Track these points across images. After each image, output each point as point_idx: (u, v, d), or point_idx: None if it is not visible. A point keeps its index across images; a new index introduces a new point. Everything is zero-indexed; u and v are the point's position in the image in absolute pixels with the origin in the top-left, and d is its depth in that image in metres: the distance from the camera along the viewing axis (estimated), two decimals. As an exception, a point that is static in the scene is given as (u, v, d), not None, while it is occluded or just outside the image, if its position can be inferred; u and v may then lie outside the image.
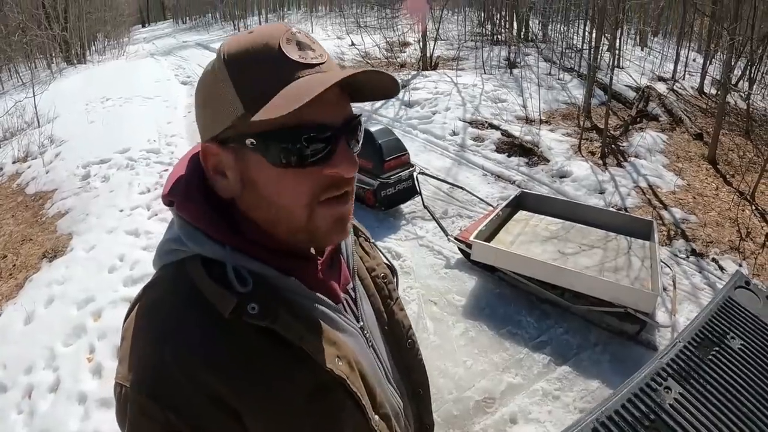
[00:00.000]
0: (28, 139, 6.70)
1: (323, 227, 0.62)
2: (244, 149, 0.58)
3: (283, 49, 0.56)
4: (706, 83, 8.62)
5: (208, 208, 0.62)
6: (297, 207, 0.60)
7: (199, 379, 0.54)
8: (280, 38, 0.56)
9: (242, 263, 0.60)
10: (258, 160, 0.58)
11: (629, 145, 6.04)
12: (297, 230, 0.61)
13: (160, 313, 0.59)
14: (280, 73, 0.55)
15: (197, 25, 24.75)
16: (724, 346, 1.25)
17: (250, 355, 0.58)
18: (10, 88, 10.72)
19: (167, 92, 9.39)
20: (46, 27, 13.19)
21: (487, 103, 7.34)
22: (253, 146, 0.57)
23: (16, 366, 2.91)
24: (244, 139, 0.57)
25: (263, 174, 0.58)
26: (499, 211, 3.93)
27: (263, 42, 0.56)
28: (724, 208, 4.72)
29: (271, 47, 0.56)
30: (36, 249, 4.31)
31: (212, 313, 0.57)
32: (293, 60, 0.56)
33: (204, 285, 0.58)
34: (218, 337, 0.57)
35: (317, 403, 0.61)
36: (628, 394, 1.12)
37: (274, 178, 0.58)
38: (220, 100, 0.57)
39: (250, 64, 0.56)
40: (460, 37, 11.83)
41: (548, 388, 2.74)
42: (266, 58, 0.56)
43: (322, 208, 0.61)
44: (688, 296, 3.52)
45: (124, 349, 0.59)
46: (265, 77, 0.55)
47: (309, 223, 0.61)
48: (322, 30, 15.57)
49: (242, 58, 0.56)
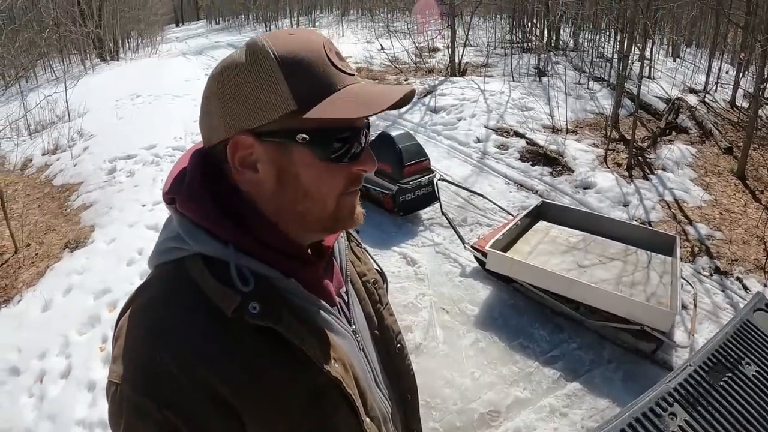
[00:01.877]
0: (58, 132, 6.88)
1: (344, 215, 0.66)
2: (290, 144, 0.60)
3: (329, 55, 0.61)
4: (738, 96, 8.36)
5: (212, 206, 0.62)
6: (331, 197, 0.64)
7: (198, 377, 0.54)
8: (322, 45, 0.61)
9: (245, 263, 0.60)
10: (305, 154, 0.60)
11: (657, 157, 5.89)
12: (323, 219, 0.65)
13: (158, 311, 0.59)
14: (331, 78, 0.60)
15: (230, 26, 25.12)
16: (737, 372, 1.19)
17: (249, 355, 0.58)
18: (43, 82, 11.05)
19: (196, 91, 9.48)
20: (81, 24, 13.57)
21: (514, 111, 7.25)
22: (304, 141, 0.59)
23: (31, 351, 2.99)
24: (294, 134, 0.59)
25: (307, 168, 0.61)
26: (518, 220, 3.86)
27: (311, 46, 0.60)
28: (752, 226, 4.55)
29: (319, 52, 0.60)
30: (59, 239, 4.42)
31: (212, 311, 0.57)
32: (338, 67, 0.61)
33: (206, 283, 0.58)
34: (218, 336, 0.57)
35: (314, 404, 0.61)
36: (629, 419, 1.07)
37: (316, 172, 0.61)
38: (266, 95, 0.58)
39: (302, 64, 0.58)
40: (490, 44, 11.74)
41: (556, 405, 2.67)
42: (317, 62, 0.59)
43: (345, 199, 0.65)
44: (709, 316, 3.40)
45: (119, 347, 0.58)
46: (318, 79, 0.59)
47: (336, 211, 0.65)
48: (352, 34, 15.63)
49: (294, 58, 0.58)
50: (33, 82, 11.26)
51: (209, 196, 0.62)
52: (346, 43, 13.51)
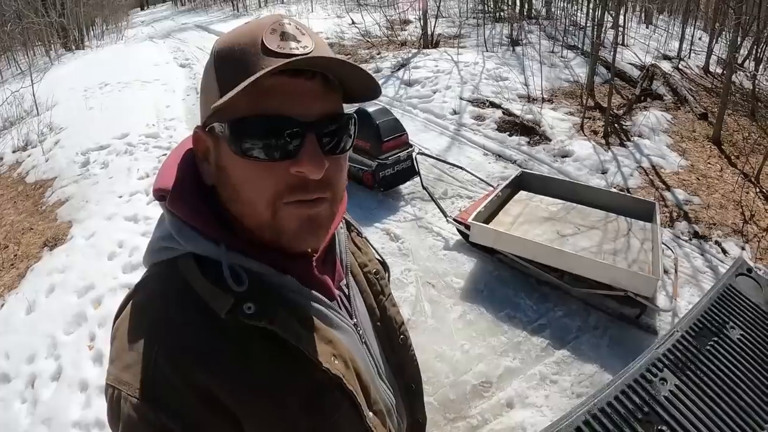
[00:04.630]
0: (27, 128, 6.64)
1: (291, 228, 0.59)
2: (218, 137, 0.58)
3: (264, 39, 0.56)
4: (711, 62, 8.46)
5: (202, 204, 0.61)
6: (259, 202, 0.58)
7: (194, 380, 0.54)
8: (266, 28, 0.56)
9: (238, 261, 0.59)
10: (227, 148, 0.57)
11: (633, 124, 5.96)
12: (262, 227, 0.60)
13: (152, 312, 0.58)
14: (251, 63, 0.55)
15: (196, 7, 24.36)
16: (722, 337, 1.22)
17: (245, 355, 0.57)
18: (9, 77, 10.63)
19: (166, 75, 9.28)
20: (43, 14, 13.03)
21: (489, 82, 7.22)
22: (221, 134, 0.57)
23: (19, 355, 2.93)
24: (217, 126, 0.58)
25: (232, 164, 0.58)
26: (499, 191, 3.89)
27: (249, 32, 0.57)
28: (728, 190, 4.66)
29: (255, 37, 0.56)
30: (37, 238, 4.31)
31: (206, 312, 0.56)
32: (270, 50, 0.55)
33: (198, 284, 0.57)
34: (213, 337, 0.56)
35: (314, 403, 0.61)
36: (621, 386, 1.10)
37: (240, 169, 0.57)
38: (209, 88, 0.59)
39: (231, 53, 0.57)
40: (462, 15, 11.62)
41: (546, 372, 2.74)
42: (246, 49, 0.56)
43: (289, 208, 0.58)
44: (690, 279, 3.50)
45: (116, 349, 0.58)
46: (238, 66, 0.55)
47: (274, 222, 0.59)
48: (322, 9, 15.30)
49: (226, 48, 0.58)
50: (-3, 77, 10.83)
51: (198, 194, 0.62)
52: (315, 18, 13.24)
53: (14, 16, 11.60)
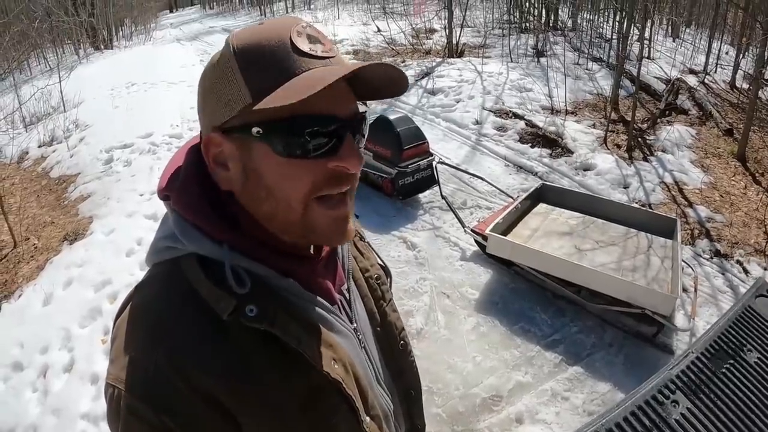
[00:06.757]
0: (53, 124, 6.81)
1: (321, 226, 0.61)
2: (249, 139, 0.57)
3: (294, 41, 0.56)
4: (738, 77, 8.29)
5: (206, 204, 0.61)
6: (295, 199, 0.58)
7: (194, 381, 0.54)
8: (291, 30, 0.57)
9: (240, 263, 0.59)
10: (263, 149, 0.57)
11: (656, 138, 5.85)
12: (292, 224, 0.60)
13: (154, 313, 0.58)
14: (289, 64, 0.55)
15: (224, 11, 24.81)
16: (739, 359, 1.19)
17: (246, 357, 0.57)
18: (37, 73, 10.92)
19: (192, 77, 9.44)
20: (73, 14, 13.38)
21: (512, 92, 7.18)
22: (259, 135, 0.56)
23: (33, 346, 2.99)
24: (250, 128, 0.56)
25: (267, 164, 0.57)
26: (518, 203, 3.85)
27: (274, 33, 0.56)
28: (752, 208, 4.54)
29: (282, 38, 0.56)
30: (57, 232, 4.41)
31: (208, 313, 0.56)
32: (303, 51, 0.56)
33: (200, 285, 0.57)
34: (214, 339, 0.56)
35: (313, 406, 0.61)
36: (631, 407, 1.07)
37: (277, 168, 0.57)
38: (228, 91, 0.57)
39: (259, 54, 0.56)
40: (488, 25, 11.60)
41: (558, 389, 2.69)
42: (276, 49, 0.56)
43: (319, 206, 0.59)
44: (709, 299, 3.40)
45: (117, 348, 0.58)
46: (274, 67, 0.55)
47: (304, 218, 0.60)
48: (348, 16, 15.43)
49: (252, 49, 0.56)
50: (27, 74, 11.13)
51: (203, 194, 0.61)
52: (342, 25, 13.34)
53: (44, 13, 11.92)
